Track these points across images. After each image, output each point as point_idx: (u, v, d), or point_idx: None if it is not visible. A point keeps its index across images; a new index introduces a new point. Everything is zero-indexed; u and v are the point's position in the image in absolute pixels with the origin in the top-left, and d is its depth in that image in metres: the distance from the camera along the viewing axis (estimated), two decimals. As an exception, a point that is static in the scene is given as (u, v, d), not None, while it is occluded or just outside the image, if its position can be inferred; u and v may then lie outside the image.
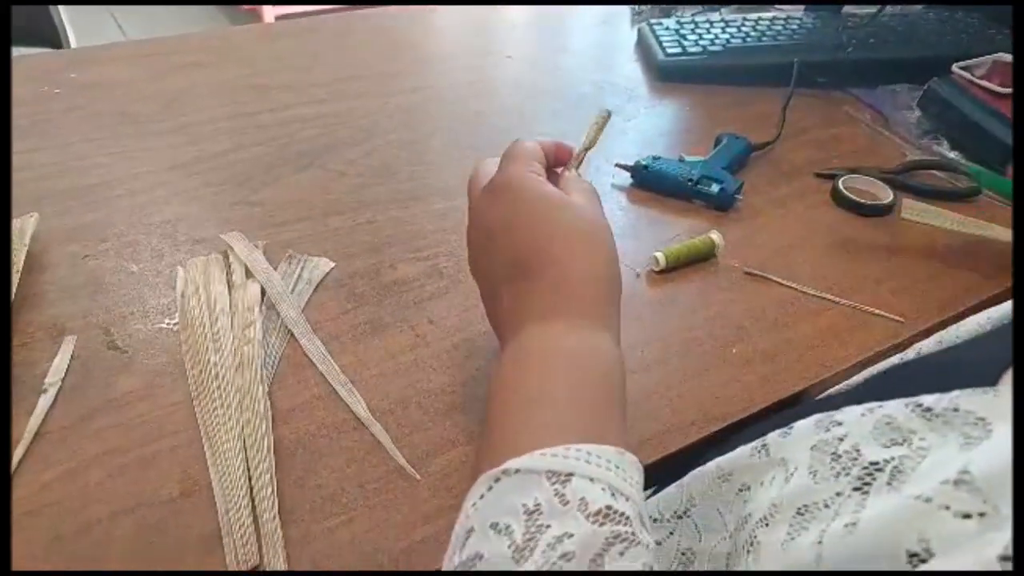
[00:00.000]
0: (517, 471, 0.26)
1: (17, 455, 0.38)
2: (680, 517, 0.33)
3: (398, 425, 0.42)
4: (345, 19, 0.99)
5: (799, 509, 0.24)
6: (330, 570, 0.35)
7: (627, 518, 0.25)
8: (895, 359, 0.39)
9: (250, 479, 0.38)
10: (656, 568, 0.25)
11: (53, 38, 1.36)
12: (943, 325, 0.53)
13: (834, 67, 0.84)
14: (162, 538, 0.35)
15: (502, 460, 0.27)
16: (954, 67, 0.76)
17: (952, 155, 0.73)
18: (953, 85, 0.75)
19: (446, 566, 0.26)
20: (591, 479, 0.25)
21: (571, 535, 0.24)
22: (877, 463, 0.23)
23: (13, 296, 0.46)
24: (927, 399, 0.24)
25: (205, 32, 0.93)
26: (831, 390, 0.43)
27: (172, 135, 0.68)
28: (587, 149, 0.42)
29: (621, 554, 0.24)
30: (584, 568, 0.23)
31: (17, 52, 1.03)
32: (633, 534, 0.25)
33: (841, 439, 0.25)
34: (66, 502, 0.37)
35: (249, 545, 0.35)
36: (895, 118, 0.79)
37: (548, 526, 0.24)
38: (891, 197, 0.65)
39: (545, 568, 0.23)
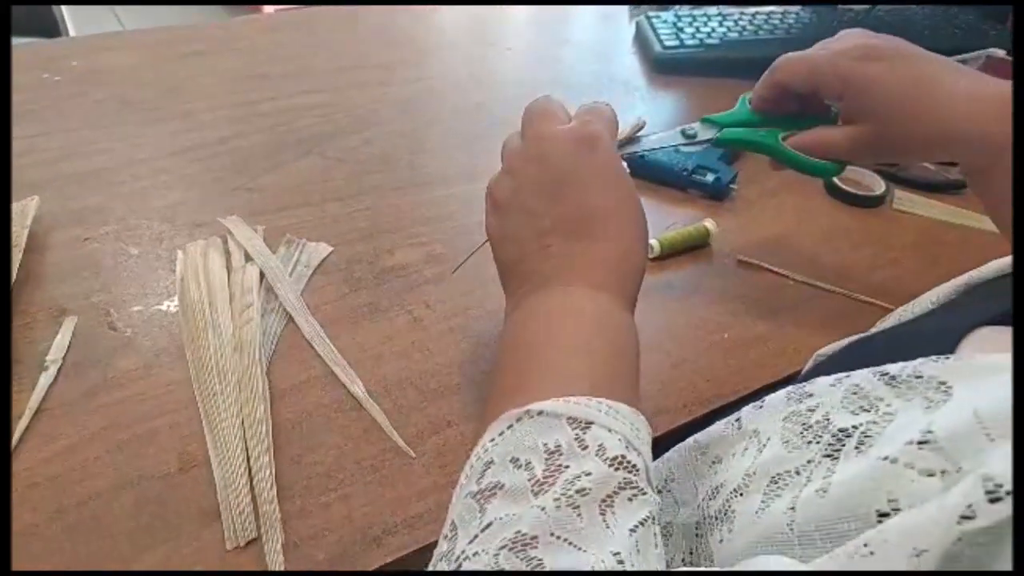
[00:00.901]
0: (540, 413, 0.27)
1: (19, 429, 0.39)
2: (660, 492, 0.33)
3: (394, 405, 0.43)
4: (344, 11, 1.00)
5: (772, 478, 0.25)
6: (331, 570, 0.35)
7: (637, 470, 0.26)
8: (847, 341, 0.40)
9: (248, 456, 0.39)
10: (654, 522, 0.26)
11: (53, 31, 1.37)
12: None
13: (830, 61, 0.85)
14: (161, 511, 0.36)
15: (525, 400, 0.28)
16: (954, 59, 0.77)
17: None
18: (947, 79, 0.76)
19: (458, 494, 0.28)
20: (609, 429, 0.26)
21: (588, 473, 0.25)
22: (846, 429, 0.24)
23: (15, 277, 0.46)
24: (892, 367, 0.24)
25: (206, 21, 0.94)
26: (811, 361, 0.44)
27: (173, 122, 0.69)
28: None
29: (630, 500, 0.25)
30: (596, 504, 0.24)
31: (16, 41, 1.03)
32: (640, 486, 0.26)
33: (812, 410, 0.26)
34: (67, 475, 0.37)
35: (247, 519, 0.36)
36: (890, 112, 0.80)
37: (567, 466, 0.25)
38: (883, 188, 0.65)
39: (563, 498, 0.24)
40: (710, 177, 0.63)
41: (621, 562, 0.23)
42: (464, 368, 0.46)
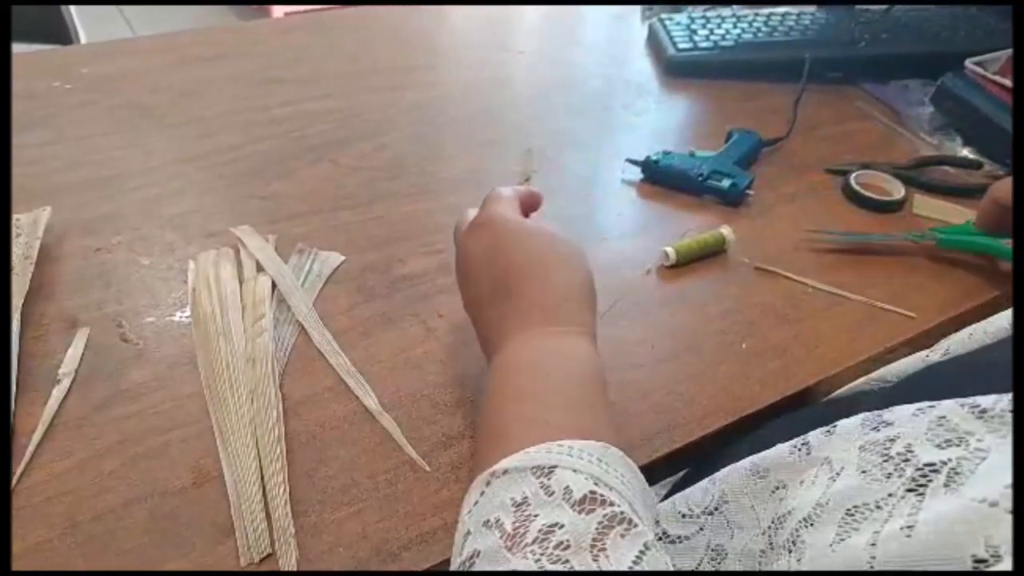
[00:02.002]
0: (506, 471, 0.28)
1: (33, 443, 0.39)
2: (710, 513, 0.32)
3: (408, 418, 0.42)
4: (358, 14, 0.99)
5: (848, 510, 0.24)
6: (336, 570, 0.35)
7: (613, 504, 0.26)
8: (920, 355, 0.39)
9: (261, 470, 0.38)
10: (657, 549, 0.25)
11: (63, 35, 1.37)
12: (955, 321, 0.53)
13: (846, 62, 0.83)
14: (175, 526, 0.36)
15: (494, 462, 0.28)
16: (967, 63, 0.76)
17: (965, 151, 0.73)
18: (966, 81, 0.75)
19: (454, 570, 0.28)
20: (574, 470, 0.27)
21: (561, 525, 0.25)
22: (933, 464, 0.22)
23: (27, 288, 0.46)
24: (984, 400, 0.23)
25: (217, 26, 0.93)
26: (858, 382, 0.42)
27: (184, 128, 0.68)
28: (527, 179, 0.47)
29: (622, 536, 0.25)
30: (586, 553, 0.24)
31: (28, 48, 1.04)
32: (626, 516, 0.25)
33: (892, 439, 0.25)
34: (81, 490, 0.37)
35: (261, 536, 0.35)
36: (907, 113, 0.79)
37: (536, 515, 0.25)
38: (903, 193, 0.64)
39: (544, 558, 0.24)
40: (726, 183, 0.62)
41: None
42: (478, 380, 0.45)
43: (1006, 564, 0.18)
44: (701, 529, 0.32)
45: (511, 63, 0.89)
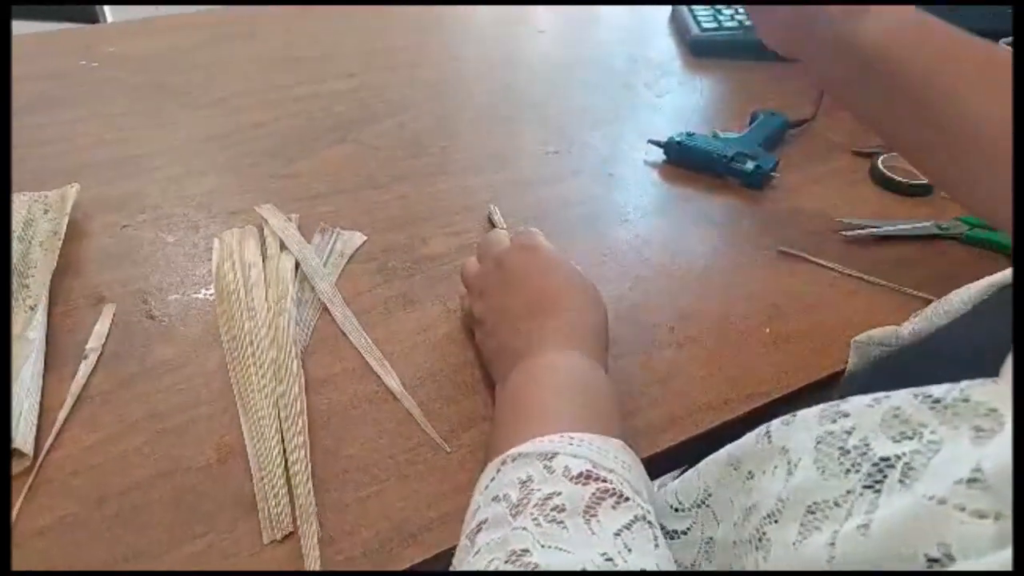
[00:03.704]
0: (516, 457, 0.30)
1: (60, 418, 0.39)
2: (699, 506, 0.33)
3: (429, 398, 0.42)
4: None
5: (809, 507, 0.24)
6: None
7: (609, 482, 0.28)
8: (882, 331, 0.39)
9: (284, 447, 0.39)
10: (647, 524, 0.27)
11: (91, 17, 1.37)
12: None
13: (877, 42, 0.81)
14: (199, 502, 0.36)
15: (513, 445, 0.31)
16: (1001, 42, 0.74)
17: (999, 134, 0.71)
18: (1002, 61, 0.73)
19: (460, 542, 0.30)
20: (573, 455, 0.29)
21: (559, 493, 0.27)
22: (888, 459, 0.22)
23: (55, 264, 0.47)
24: (936, 390, 0.23)
25: (240, 6, 0.93)
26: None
27: (208, 108, 0.69)
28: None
29: (614, 507, 0.27)
30: (579, 516, 0.26)
31: (54, 27, 1.04)
32: (620, 492, 0.27)
33: (849, 432, 0.25)
34: (107, 464, 0.38)
35: (283, 513, 0.36)
36: (940, 95, 0.77)
37: (538, 489, 0.28)
38: (934, 176, 0.63)
39: (541, 517, 0.26)
40: (750, 165, 0.61)
41: (610, 559, 0.25)
42: (499, 361, 0.45)
43: (960, 565, 0.18)
44: (694, 523, 0.33)
45: (531, 41, 0.88)
